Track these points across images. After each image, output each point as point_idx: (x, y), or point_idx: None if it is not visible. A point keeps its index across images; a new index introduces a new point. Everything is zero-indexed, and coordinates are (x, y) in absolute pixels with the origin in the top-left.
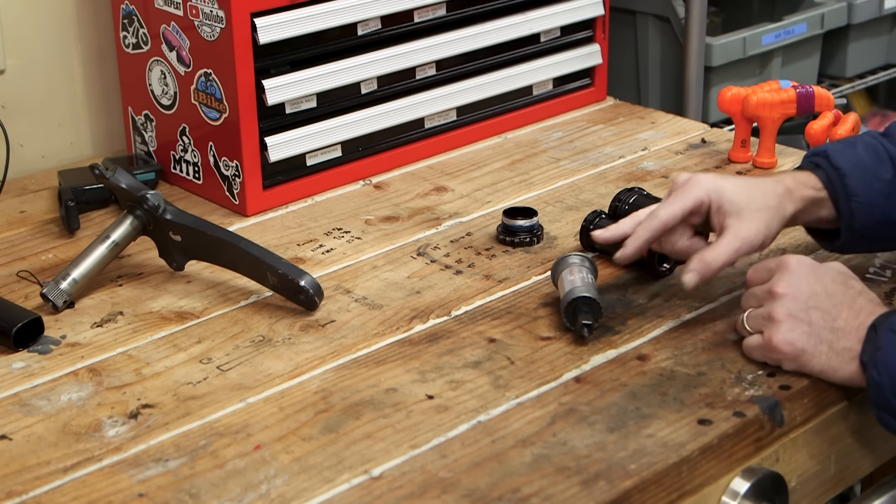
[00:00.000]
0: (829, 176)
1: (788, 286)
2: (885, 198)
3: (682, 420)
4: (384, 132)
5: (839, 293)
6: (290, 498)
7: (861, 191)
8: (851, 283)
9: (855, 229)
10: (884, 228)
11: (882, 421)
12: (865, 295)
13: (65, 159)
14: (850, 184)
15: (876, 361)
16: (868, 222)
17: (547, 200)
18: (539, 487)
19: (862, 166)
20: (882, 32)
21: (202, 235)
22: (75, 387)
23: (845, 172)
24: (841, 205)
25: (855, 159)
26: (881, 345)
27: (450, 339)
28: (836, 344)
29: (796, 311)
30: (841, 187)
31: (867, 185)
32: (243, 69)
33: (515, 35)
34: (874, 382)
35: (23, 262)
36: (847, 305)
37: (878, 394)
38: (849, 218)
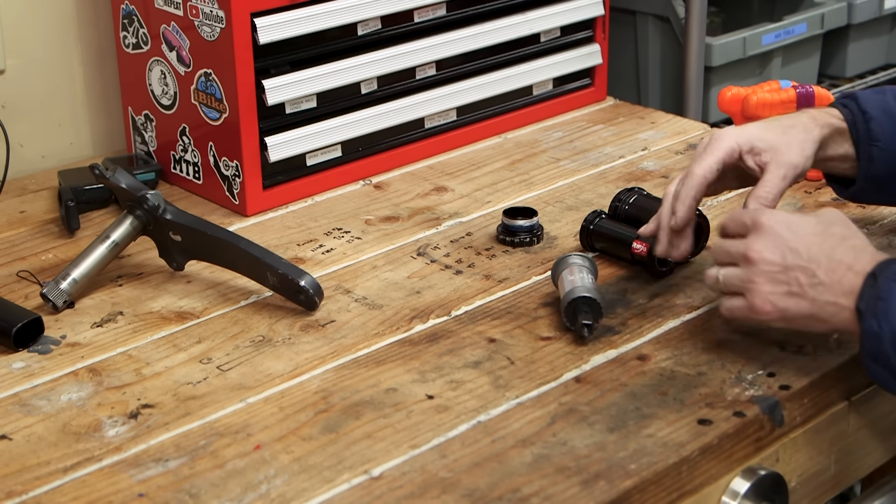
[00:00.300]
0: (855, 118)
1: (764, 247)
2: None
3: (682, 420)
4: (384, 132)
5: (816, 245)
6: (290, 498)
7: (884, 137)
8: (832, 231)
9: (872, 175)
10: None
11: (872, 372)
12: (848, 241)
13: (65, 159)
14: (875, 128)
15: (876, 311)
16: (886, 169)
17: (547, 200)
18: (539, 487)
19: (889, 113)
20: (882, 32)
21: (202, 235)
22: (75, 387)
23: (871, 116)
24: (862, 148)
25: (883, 105)
26: (882, 295)
27: (450, 339)
28: (818, 299)
29: (773, 272)
30: (865, 130)
31: (891, 133)
32: (243, 69)
33: (515, 35)
34: (872, 332)
35: (23, 262)
36: (826, 258)
37: (875, 344)
38: (867, 162)
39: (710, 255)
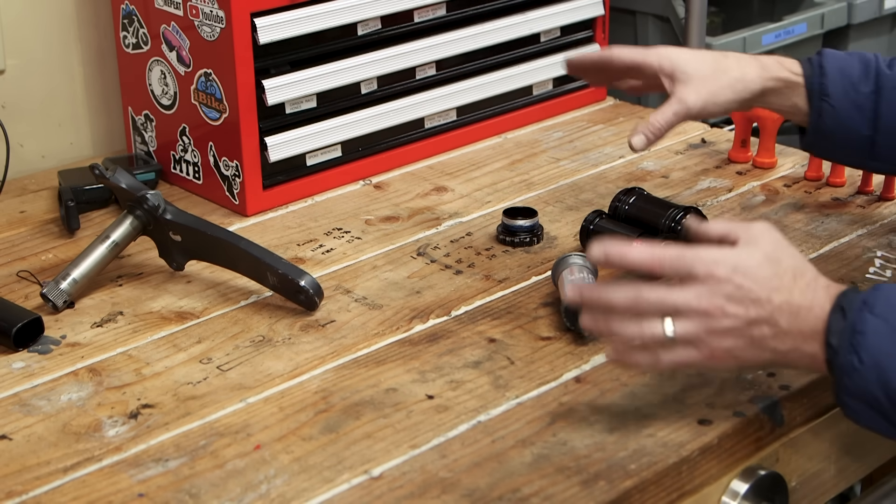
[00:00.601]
0: (812, 71)
1: (725, 303)
2: (856, 109)
3: (682, 420)
4: (384, 132)
5: (776, 292)
6: (290, 498)
7: (835, 93)
8: (784, 268)
9: (821, 129)
10: (848, 138)
11: (851, 411)
12: (800, 277)
13: (65, 159)
14: (827, 84)
15: (854, 345)
16: (833, 127)
17: (547, 200)
18: (539, 487)
19: (845, 73)
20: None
21: (202, 235)
22: (75, 387)
23: (827, 72)
24: (813, 101)
25: (842, 65)
26: (862, 329)
27: (450, 339)
28: (779, 348)
29: (738, 325)
30: (818, 85)
31: (843, 92)
32: (243, 69)
33: (515, 35)
34: (850, 368)
35: (23, 262)
36: (787, 304)
37: (854, 381)
38: (816, 116)
39: None
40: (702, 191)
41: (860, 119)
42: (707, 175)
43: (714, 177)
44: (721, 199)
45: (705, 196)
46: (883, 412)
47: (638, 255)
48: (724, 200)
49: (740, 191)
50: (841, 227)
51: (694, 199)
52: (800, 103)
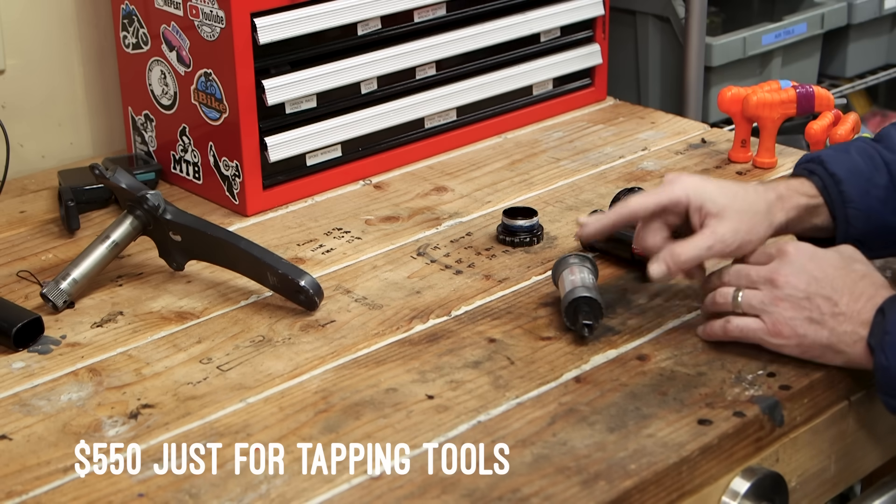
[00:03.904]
0: (825, 182)
1: (789, 273)
2: (882, 203)
3: (682, 420)
4: (384, 132)
5: (840, 278)
6: (290, 498)
7: (857, 197)
8: (854, 268)
9: (851, 236)
10: (881, 234)
11: (888, 405)
12: (869, 278)
13: (65, 159)
14: (846, 190)
15: (884, 345)
16: (865, 228)
17: (547, 200)
18: (539, 487)
19: (858, 172)
20: (882, 32)
21: (202, 235)
22: (75, 387)
23: (841, 178)
24: (837, 211)
25: (850, 165)
26: (889, 328)
27: (450, 339)
28: (837, 329)
29: (797, 297)
30: (837, 194)
31: (863, 192)
32: (243, 69)
33: (515, 35)
34: (882, 367)
35: (23, 262)
36: (848, 290)
37: (886, 378)
38: (845, 225)
39: None
40: None
41: (887, 211)
42: (707, 175)
43: (714, 177)
44: None
45: None
46: None
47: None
48: None
49: None
50: None
51: None
52: (820, 222)
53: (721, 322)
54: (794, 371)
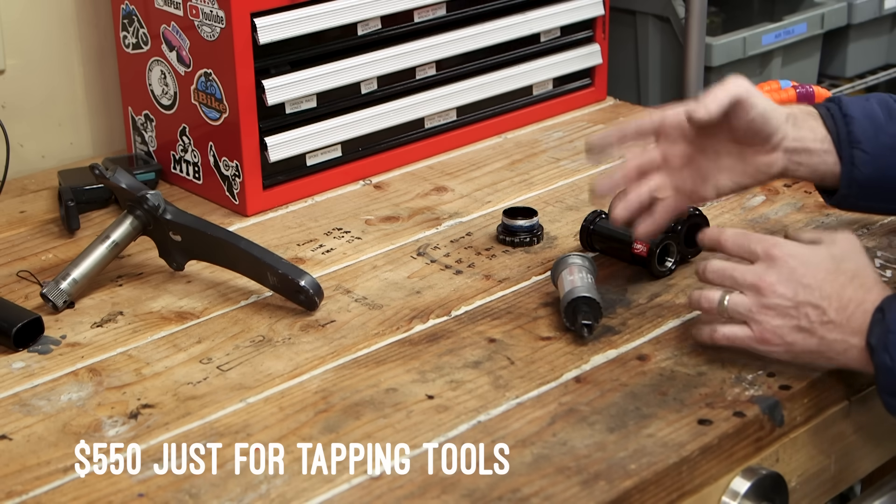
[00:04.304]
0: (836, 121)
1: (776, 281)
2: (890, 151)
3: (682, 420)
4: (384, 132)
5: (829, 283)
6: (290, 498)
7: (865, 139)
8: (844, 268)
9: (855, 179)
10: (884, 184)
11: (889, 406)
12: (858, 279)
13: (65, 159)
14: (856, 130)
15: (888, 344)
16: (870, 174)
17: (547, 200)
18: (539, 487)
19: (871, 116)
20: (882, 32)
21: (202, 235)
22: (75, 387)
23: (853, 118)
24: (843, 151)
25: (865, 109)
26: (892, 327)
27: (450, 339)
28: (826, 337)
29: (785, 306)
30: (846, 133)
31: (872, 136)
32: (243, 69)
33: (515, 35)
34: (885, 367)
35: (23, 262)
36: (837, 297)
37: (888, 378)
38: (850, 166)
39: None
40: None
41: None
42: None
43: None
44: (721, 199)
45: None
46: None
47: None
48: (724, 200)
49: None
50: (841, 227)
51: None
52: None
53: (708, 330)
54: (794, 371)
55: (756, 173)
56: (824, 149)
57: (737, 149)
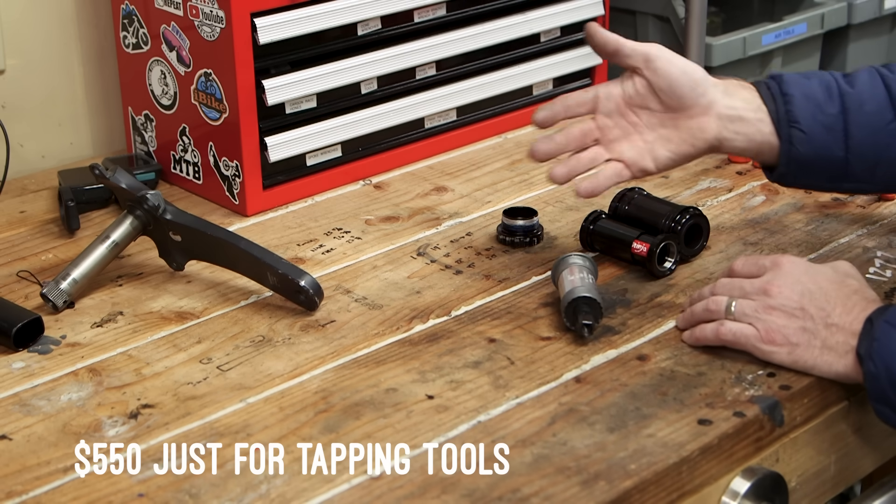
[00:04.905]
0: (776, 100)
1: (783, 285)
2: (826, 131)
3: (682, 420)
4: (384, 132)
5: (833, 291)
6: (290, 498)
7: (803, 119)
8: (847, 282)
9: (794, 157)
10: (821, 163)
11: (880, 414)
12: (861, 292)
13: (65, 159)
14: (794, 109)
15: (872, 353)
16: (808, 154)
17: (547, 200)
18: (539, 487)
19: (810, 96)
20: (882, 32)
21: (202, 235)
22: (75, 387)
23: (791, 96)
24: (782, 130)
25: (805, 89)
26: (877, 336)
27: (450, 339)
28: (829, 339)
29: (791, 307)
30: (784, 112)
31: (810, 115)
32: (243, 69)
33: (515, 35)
34: (871, 374)
35: (23, 262)
36: (841, 302)
37: (875, 386)
38: (788, 144)
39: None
40: (702, 191)
41: (832, 141)
42: (707, 175)
43: (714, 177)
44: (721, 199)
45: (705, 196)
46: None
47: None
48: (723, 200)
49: (740, 191)
50: (841, 227)
51: (694, 199)
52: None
53: (713, 325)
54: (794, 371)
55: (691, 139)
56: (759, 118)
57: (669, 117)
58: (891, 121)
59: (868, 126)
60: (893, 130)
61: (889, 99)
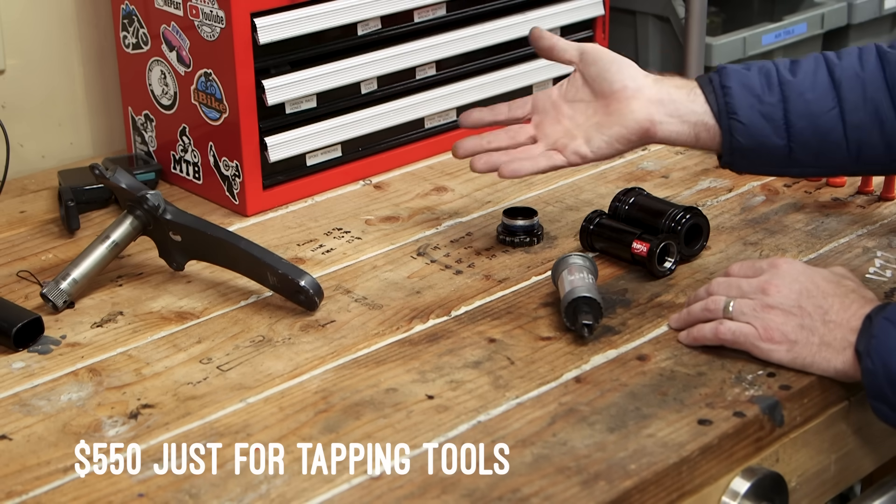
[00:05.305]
0: (716, 92)
1: (781, 284)
2: (765, 120)
3: (682, 420)
4: (384, 132)
5: (831, 289)
6: (290, 498)
7: (741, 109)
8: (844, 283)
9: (735, 148)
10: (763, 150)
11: (877, 411)
12: (858, 291)
13: (65, 159)
14: (732, 101)
15: (870, 350)
16: (748, 144)
17: (547, 200)
18: (539, 487)
19: (748, 87)
20: (882, 32)
21: (202, 235)
22: (75, 387)
23: (729, 88)
24: (723, 121)
25: (744, 79)
26: (875, 333)
27: (450, 339)
28: (827, 336)
29: (789, 306)
30: (724, 104)
31: (748, 106)
32: (243, 69)
33: (515, 35)
34: (868, 371)
35: (23, 262)
36: (839, 300)
37: (872, 382)
38: (728, 135)
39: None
40: (702, 191)
41: (771, 130)
42: (707, 175)
43: (714, 177)
44: (721, 199)
45: (705, 196)
46: (894, 407)
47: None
48: (723, 200)
49: (740, 191)
50: (841, 227)
51: (694, 199)
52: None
53: (712, 325)
54: (794, 371)
55: (621, 120)
56: (691, 99)
57: (601, 104)
58: (831, 108)
59: (808, 114)
60: (835, 117)
61: (832, 86)
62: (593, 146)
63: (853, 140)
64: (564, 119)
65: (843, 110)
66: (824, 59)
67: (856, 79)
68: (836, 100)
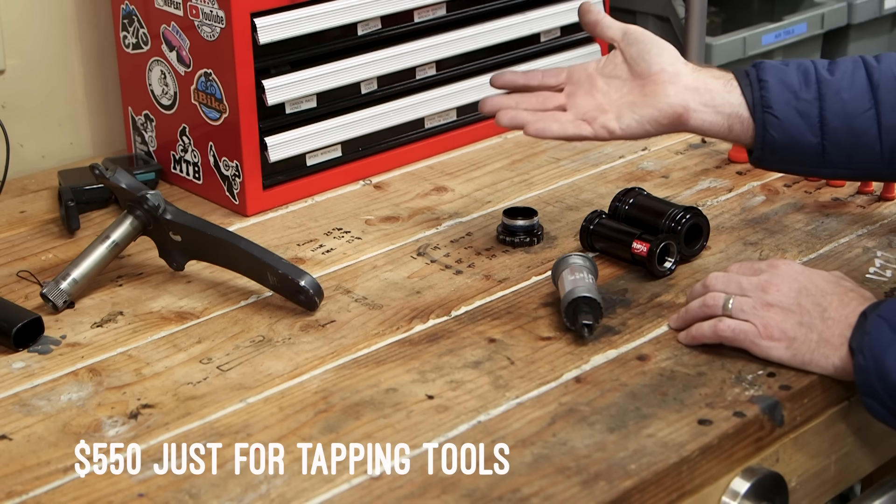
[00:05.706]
0: (752, 85)
1: (780, 283)
2: (800, 117)
3: (682, 420)
4: (384, 132)
5: (830, 288)
6: (290, 498)
7: (777, 104)
8: (842, 283)
9: (768, 143)
10: (795, 147)
11: (868, 408)
12: (857, 290)
13: (65, 159)
14: (768, 95)
15: (863, 347)
16: (780, 138)
17: (547, 200)
18: (539, 487)
19: (785, 82)
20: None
21: (202, 235)
22: (75, 387)
23: (766, 82)
24: (756, 115)
25: (782, 75)
26: (869, 330)
27: (450, 339)
28: (825, 332)
29: (787, 303)
30: (759, 97)
31: (784, 101)
32: (243, 69)
33: (515, 35)
34: (860, 368)
35: (23, 262)
36: (837, 298)
37: (864, 379)
38: (762, 129)
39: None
40: (702, 191)
41: (806, 127)
42: (707, 175)
43: (714, 177)
44: (721, 199)
45: (705, 196)
46: (884, 404)
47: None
48: (724, 200)
49: (740, 191)
50: (841, 227)
51: (694, 199)
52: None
53: (711, 322)
54: (794, 371)
55: (655, 102)
56: (728, 90)
57: (637, 84)
58: (867, 109)
59: (844, 113)
60: (870, 118)
61: (869, 87)
62: (623, 123)
63: (888, 143)
64: (598, 93)
65: (880, 112)
66: (863, 61)
67: (893, 81)
68: (872, 101)
